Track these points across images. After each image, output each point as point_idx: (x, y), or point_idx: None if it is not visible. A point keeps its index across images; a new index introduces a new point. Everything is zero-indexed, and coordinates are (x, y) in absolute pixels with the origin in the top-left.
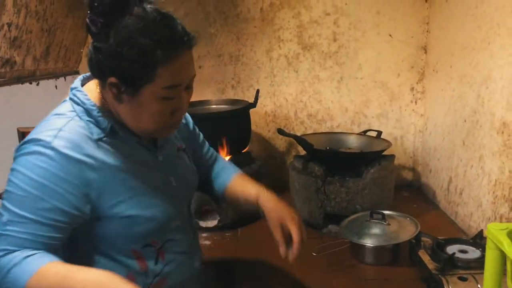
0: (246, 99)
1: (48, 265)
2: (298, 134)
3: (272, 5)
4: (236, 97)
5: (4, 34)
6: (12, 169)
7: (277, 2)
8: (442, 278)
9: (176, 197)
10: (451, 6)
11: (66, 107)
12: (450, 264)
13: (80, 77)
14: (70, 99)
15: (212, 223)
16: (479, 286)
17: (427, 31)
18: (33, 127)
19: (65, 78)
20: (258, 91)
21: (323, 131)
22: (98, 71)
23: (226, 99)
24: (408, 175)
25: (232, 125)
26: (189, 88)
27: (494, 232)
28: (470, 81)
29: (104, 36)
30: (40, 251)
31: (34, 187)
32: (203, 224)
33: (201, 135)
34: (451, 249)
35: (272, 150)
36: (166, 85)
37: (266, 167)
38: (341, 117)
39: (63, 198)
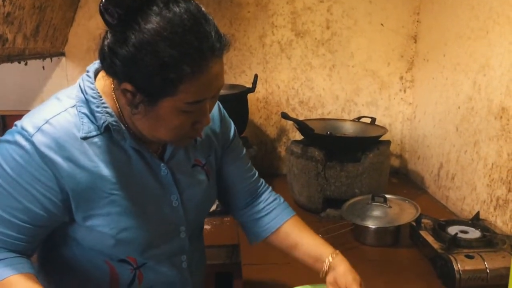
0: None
1: (8, 279)
2: (289, 122)
3: None
4: (228, 83)
5: None
6: None
7: None
8: (450, 257)
9: (172, 220)
10: None
11: (71, 91)
12: (454, 244)
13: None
14: (79, 83)
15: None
16: (485, 263)
17: (418, 21)
18: (15, 110)
19: (51, 59)
20: (256, 76)
21: (314, 117)
22: (111, 73)
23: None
24: (395, 162)
25: (230, 110)
26: (214, 98)
27: None
28: (465, 69)
29: (122, 36)
30: (11, 255)
31: (7, 183)
32: None
33: (244, 149)
34: (452, 230)
35: (263, 136)
36: (189, 101)
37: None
38: (332, 104)
39: (36, 201)
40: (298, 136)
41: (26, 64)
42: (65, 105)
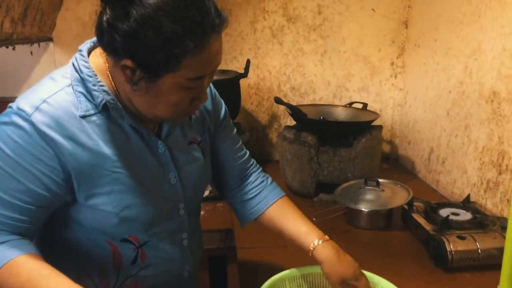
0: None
1: (15, 260)
2: (281, 108)
3: None
4: (219, 68)
5: None
6: None
7: None
8: (443, 238)
9: (171, 198)
10: None
11: (65, 71)
12: (446, 226)
13: (94, 38)
14: (72, 62)
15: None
16: (477, 244)
17: (409, 7)
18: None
19: (39, 44)
20: (248, 61)
21: (306, 103)
22: (110, 49)
23: None
24: (385, 148)
25: (222, 95)
26: (212, 74)
27: None
28: (457, 53)
29: (123, 11)
30: (14, 237)
31: (8, 164)
32: None
33: (234, 129)
34: (444, 212)
35: (255, 122)
36: (191, 77)
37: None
38: (323, 90)
39: (38, 181)
40: (290, 122)
41: (14, 48)
42: (61, 85)
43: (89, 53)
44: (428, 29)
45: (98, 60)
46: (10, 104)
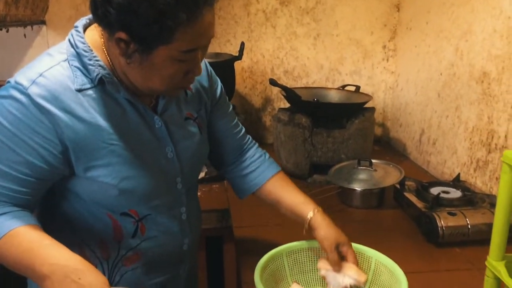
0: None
1: (16, 230)
2: (274, 91)
3: None
4: (213, 51)
5: None
6: None
7: None
8: (434, 214)
9: (169, 172)
10: None
11: (61, 46)
12: (437, 203)
13: (90, 15)
14: (69, 38)
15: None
16: (467, 220)
17: None
18: None
19: (32, 27)
20: (243, 43)
21: (299, 87)
22: (105, 23)
23: (209, 52)
24: (377, 131)
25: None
26: (205, 48)
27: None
28: (448, 35)
29: None
30: (14, 208)
31: (6, 136)
32: None
33: (230, 106)
34: (435, 190)
35: (248, 106)
36: (184, 49)
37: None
38: (316, 73)
39: (36, 153)
40: (283, 106)
41: (7, 31)
42: (57, 59)
43: (85, 29)
44: (419, 11)
45: (93, 35)
46: (8, 79)
